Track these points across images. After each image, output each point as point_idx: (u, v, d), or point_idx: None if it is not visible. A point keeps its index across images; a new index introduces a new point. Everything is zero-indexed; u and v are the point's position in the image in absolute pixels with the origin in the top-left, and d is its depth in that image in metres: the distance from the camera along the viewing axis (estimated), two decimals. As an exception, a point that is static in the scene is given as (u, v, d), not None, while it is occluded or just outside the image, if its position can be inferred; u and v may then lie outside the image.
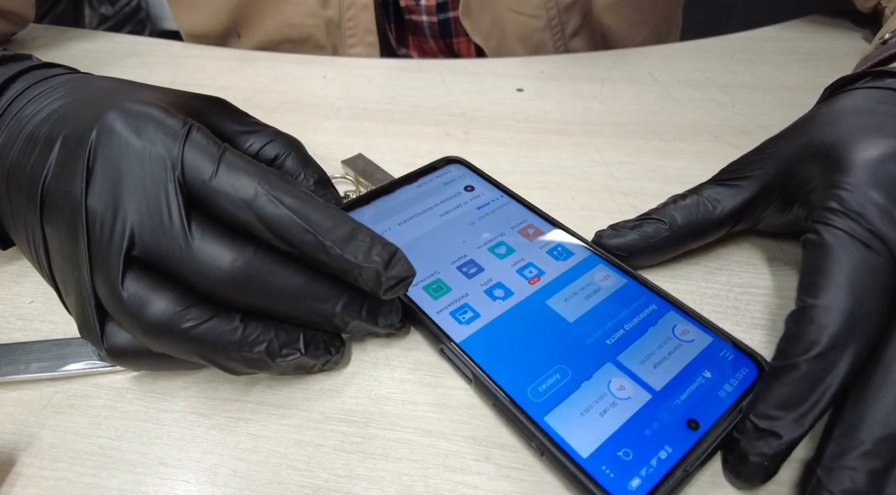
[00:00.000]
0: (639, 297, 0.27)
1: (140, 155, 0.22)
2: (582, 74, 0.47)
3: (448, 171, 0.35)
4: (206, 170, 0.22)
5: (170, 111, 0.24)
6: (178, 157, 0.22)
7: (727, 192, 0.29)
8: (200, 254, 0.22)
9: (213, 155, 0.23)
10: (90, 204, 0.22)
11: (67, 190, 0.22)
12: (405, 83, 0.47)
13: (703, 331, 0.25)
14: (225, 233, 0.22)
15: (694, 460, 0.21)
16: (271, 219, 0.22)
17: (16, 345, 0.27)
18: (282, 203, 0.22)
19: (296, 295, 0.23)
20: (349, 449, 0.23)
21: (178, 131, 0.23)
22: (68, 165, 0.23)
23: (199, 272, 0.22)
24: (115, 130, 0.23)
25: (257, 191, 0.22)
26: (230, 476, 0.23)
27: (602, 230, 0.30)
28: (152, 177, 0.22)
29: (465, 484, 0.22)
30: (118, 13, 1.41)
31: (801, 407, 0.20)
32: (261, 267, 0.22)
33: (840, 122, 0.26)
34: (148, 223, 0.22)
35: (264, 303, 0.23)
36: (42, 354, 0.26)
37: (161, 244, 0.22)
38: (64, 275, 0.23)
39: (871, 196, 0.23)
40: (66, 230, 0.22)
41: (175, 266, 0.22)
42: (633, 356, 0.24)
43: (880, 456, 0.19)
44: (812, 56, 0.48)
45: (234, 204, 0.22)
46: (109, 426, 0.24)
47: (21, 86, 0.27)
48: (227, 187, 0.22)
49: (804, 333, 0.21)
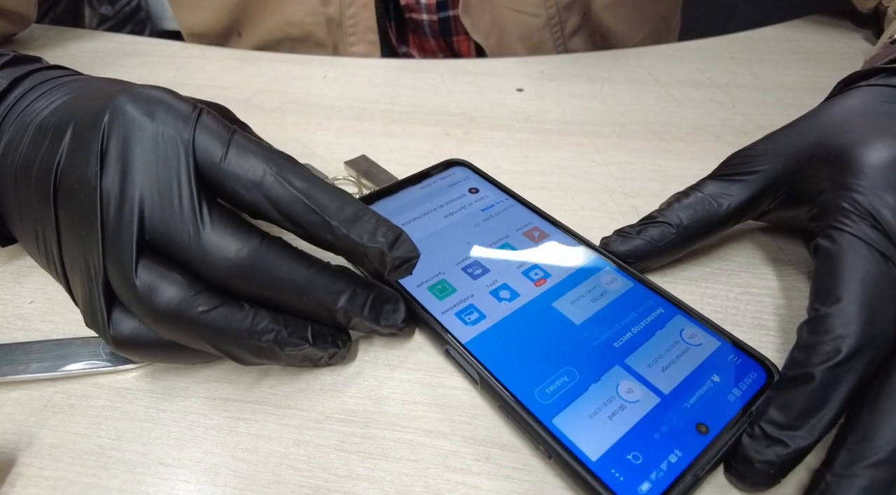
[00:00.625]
0: (646, 301, 0.27)
1: (153, 137, 0.23)
2: (582, 74, 0.47)
3: (452, 174, 0.35)
4: (216, 152, 0.23)
5: (179, 96, 0.24)
6: (189, 140, 0.23)
7: (731, 188, 0.28)
8: (208, 242, 0.22)
9: (223, 137, 0.23)
10: (105, 186, 0.22)
11: (82, 174, 0.22)
12: (405, 83, 0.47)
13: (711, 335, 0.25)
14: (234, 222, 0.22)
15: (704, 464, 0.21)
16: (280, 200, 0.22)
17: (16, 345, 0.27)
18: (290, 184, 0.22)
19: (300, 286, 0.23)
20: (349, 449, 0.23)
21: (189, 114, 0.23)
22: (82, 149, 0.23)
23: (205, 260, 0.22)
24: (127, 113, 0.23)
25: (265, 172, 0.22)
26: (230, 476, 0.23)
27: (607, 236, 0.30)
28: (165, 160, 0.22)
29: (465, 484, 0.22)
30: (118, 13, 1.41)
31: (815, 417, 0.20)
32: (266, 257, 0.22)
33: (851, 122, 0.26)
34: (159, 208, 0.22)
35: (269, 293, 0.23)
36: (42, 354, 0.26)
37: (171, 230, 0.22)
38: (74, 262, 0.23)
39: (885, 200, 0.23)
40: (81, 213, 0.23)
41: (183, 253, 0.22)
42: (641, 359, 0.24)
43: (894, 466, 0.19)
44: (812, 56, 0.48)
45: (243, 185, 0.23)
46: (109, 426, 0.24)
47: (29, 84, 0.27)
48: (236, 169, 0.23)
49: (820, 343, 0.21)
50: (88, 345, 0.27)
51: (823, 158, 0.26)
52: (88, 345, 0.27)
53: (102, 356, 0.26)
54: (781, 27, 0.52)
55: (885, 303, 0.21)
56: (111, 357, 0.26)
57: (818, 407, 0.20)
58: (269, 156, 0.23)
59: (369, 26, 0.52)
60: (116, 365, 0.26)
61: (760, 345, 0.26)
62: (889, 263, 0.22)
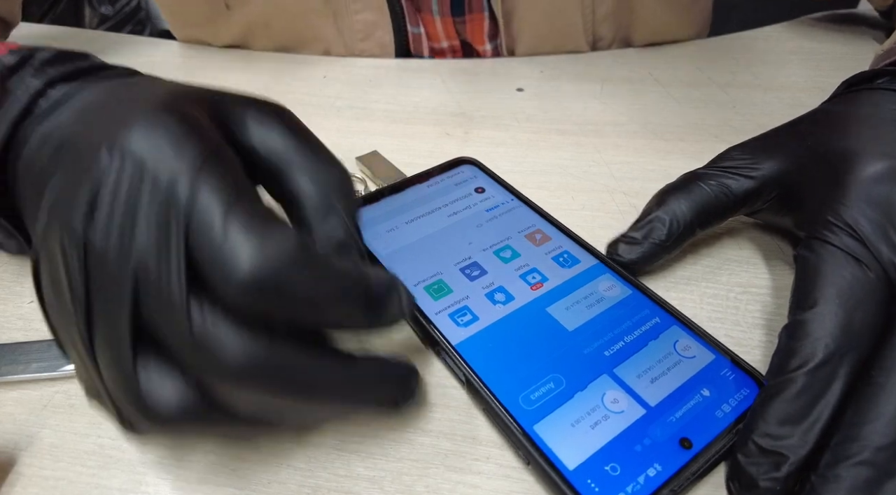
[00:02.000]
0: (642, 309, 0.26)
1: (151, 189, 0.18)
2: (582, 74, 0.47)
3: (460, 172, 0.35)
4: (215, 229, 0.17)
5: (194, 128, 0.19)
6: (187, 202, 0.18)
7: (731, 181, 0.28)
8: (204, 340, 0.17)
9: (224, 204, 0.18)
10: (91, 238, 0.18)
11: (68, 219, 0.18)
12: (405, 83, 0.47)
13: (706, 348, 0.25)
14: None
15: (683, 480, 0.21)
16: (278, 313, 0.18)
17: (16, 345, 0.27)
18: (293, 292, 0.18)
19: (327, 389, 0.19)
20: (349, 449, 0.23)
21: (193, 164, 0.18)
22: (71, 188, 0.19)
23: (202, 363, 0.17)
24: (126, 153, 0.18)
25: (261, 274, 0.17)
26: (230, 476, 0.23)
27: (613, 244, 0.29)
28: (157, 223, 0.18)
29: (465, 483, 0.22)
30: (118, 13, 1.41)
31: (804, 422, 0.20)
32: (282, 359, 0.18)
33: (848, 129, 0.26)
34: (146, 284, 0.17)
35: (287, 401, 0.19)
36: (42, 354, 0.26)
37: (161, 317, 0.17)
38: (60, 322, 0.19)
39: (866, 212, 0.23)
40: (62, 266, 0.18)
41: (177, 348, 0.18)
42: (630, 369, 0.24)
43: (876, 466, 0.19)
44: (812, 56, 0.48)
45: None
46: (110, 426, 0.24)
47: (64, 87, 0.24)
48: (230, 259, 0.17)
49: (799, 347, 0.21)
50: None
51: (818, 163, 0.26)
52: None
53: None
54: (781, 27, 0.52)
55: (861, 307, 0.21)
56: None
57: (805, 412, 0.20)
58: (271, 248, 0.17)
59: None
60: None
61: (760, 344, 0.26)
62: (864, 268, 0.22)
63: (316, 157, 0.23)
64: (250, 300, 0.17)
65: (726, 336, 0.26)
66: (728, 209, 0.28)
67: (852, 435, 0.19)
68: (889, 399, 0.20)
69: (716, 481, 0.22)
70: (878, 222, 0.23)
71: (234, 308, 0.17)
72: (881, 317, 0.22)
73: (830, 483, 0.19)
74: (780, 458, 0.20)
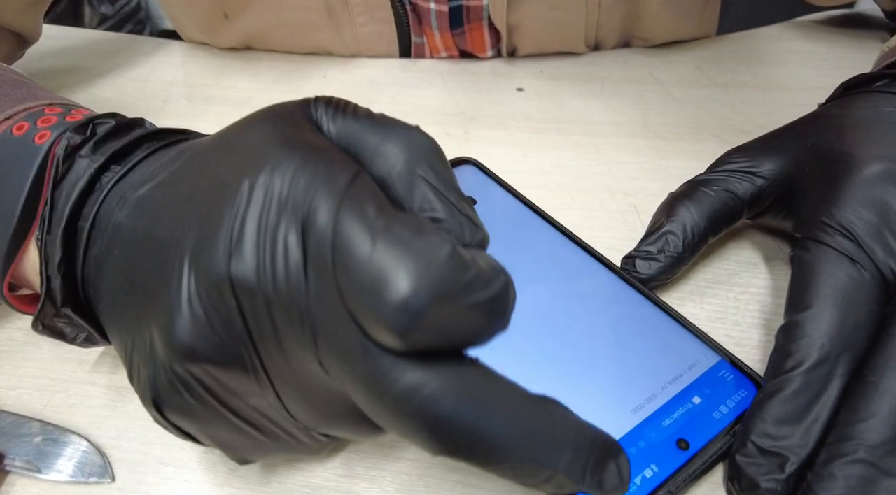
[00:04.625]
0: (643, 312, 0.26)
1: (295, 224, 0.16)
2: (582, 74, 0.47)
3: (460, 172, 0.34)
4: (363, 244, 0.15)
5: (325, 154, 0.18)
6: (331, 226, 0.15)
7: (735, 185, 0.28)
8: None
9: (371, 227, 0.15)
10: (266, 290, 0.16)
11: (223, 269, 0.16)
12: (405, 83, 0.47)
13: (705, 349, 0.25)
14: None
15: (681, 481, 0.21)
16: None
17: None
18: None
19: (509, 445, 0.16)
20: (349, 449, 0.23)
21: (338, 190, 0.16)
22: (211, 233, 0.16)
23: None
24: (267, 189, 0.16)
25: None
26: (230, 476, 0.23)
27: (629, 260, 0.28)
28: (315, 267, 0.16)
29: (465, 483, 0.22)
30: (118, 13, 1.41)
31: (803, 422, 0.20)
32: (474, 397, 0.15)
33: (847, 132, 0.26)
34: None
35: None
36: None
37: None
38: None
39: (861, 213, 0.23)
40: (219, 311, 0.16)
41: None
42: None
43: (870, 464, 0.19)
44: (812, 56, 0.48)
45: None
46: (109, 426, 0.24)
47: (131, 161, 0.21)
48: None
49: (795, 348, 0.21)
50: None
51: (816, 166, 0.26)
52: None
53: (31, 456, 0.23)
54: (781, 27, 0.52)
55: (856, 307, 0.22)
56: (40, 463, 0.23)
57: (803, 412, 0.20)
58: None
59: (378, 3, 0.46)
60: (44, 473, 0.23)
61: (760, 344, 0.26)
62: (859, 268, 0.22)
63: (384, 131, 0.21)
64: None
65: (726, 336, 0.26)
66: (736, 213, 0.28)
67: (847, 434, 0.19)
68: (883, 397, 0.20)
69: (715, 481, 0.22)
70: (872, 223, 0.23)
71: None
72: (876, 316, 0.22)
73: (826, 481, 0.19)
74: (780, 459, 0.20)
